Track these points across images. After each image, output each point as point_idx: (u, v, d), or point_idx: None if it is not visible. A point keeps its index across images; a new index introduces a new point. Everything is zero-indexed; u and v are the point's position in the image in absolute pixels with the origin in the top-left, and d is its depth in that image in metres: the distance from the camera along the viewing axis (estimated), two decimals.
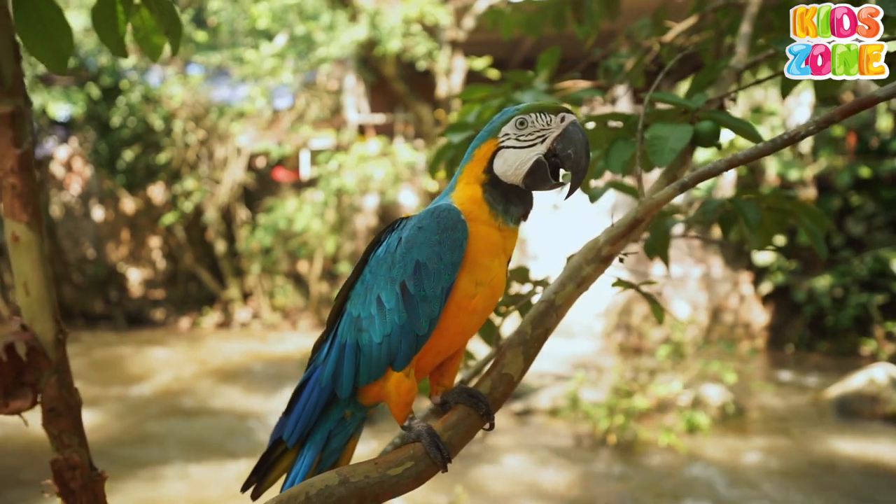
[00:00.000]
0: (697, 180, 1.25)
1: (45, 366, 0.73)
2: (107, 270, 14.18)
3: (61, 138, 14.12)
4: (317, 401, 1.30)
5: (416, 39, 12.10)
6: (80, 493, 0.79)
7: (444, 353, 1.28)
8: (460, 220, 1.18)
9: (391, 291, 1.19)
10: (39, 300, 0.71)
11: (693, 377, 9.68)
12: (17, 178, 0.68)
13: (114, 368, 10.79)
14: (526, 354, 1.23)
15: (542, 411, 9.25)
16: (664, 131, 1.57)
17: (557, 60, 3.14)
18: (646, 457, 7.96)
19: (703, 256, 13.45)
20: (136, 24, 1.80)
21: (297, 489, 1.08)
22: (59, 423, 0.75)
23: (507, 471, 7.58)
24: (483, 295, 1.21)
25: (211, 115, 12.95)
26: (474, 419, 1.21)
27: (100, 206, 14.40)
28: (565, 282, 1.26)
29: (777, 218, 2.22)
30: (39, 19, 1.63)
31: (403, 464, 1.14)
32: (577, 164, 1.19)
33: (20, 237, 0.70)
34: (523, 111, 1.22)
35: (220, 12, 12.38)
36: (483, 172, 1.22)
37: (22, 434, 7.98)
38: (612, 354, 11.75)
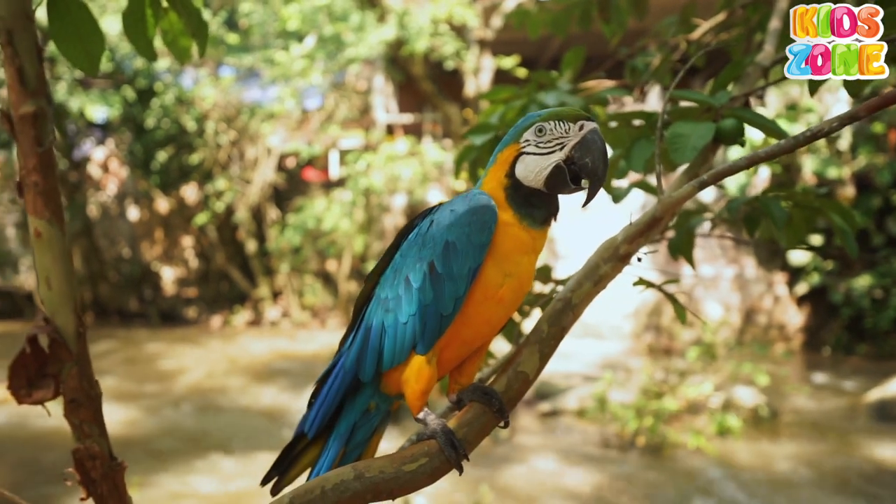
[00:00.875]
0: (717, 178, 1.24)
1: (66, 357, 0.75)
2: (141, 269, 14.49)
3: (98, 140, 14.47)
4: (339, 387, 1.31)
5: (444, 39, 12.12)
6: (100, 482, 0.81)
7: (469, 345, 1.28)
8: (490, 205, 1.20)
9: (419, 271, 1.22)
10: (61, 294, 0.74)
11: (724, 379, 9.53)
12: (39, 175, 0.71)
13: (147, 365, 11.02)
14: (542, 353, 1.23)
15: (569, 412, 9.19)
16: (686, 129, 1.56)
17: (582, 60, 3.13)
18: (675, 459, 7.86)
19: (736, 257, 13.22)
20: (165, 27, 1.84)
21: (312, 483, 1.10)
22: (80, 413, 0.78)
23: (534, 471, 7.55)
24: (510, 286, 1.22)
25: (242, 116, 13.15)
26: (489, 417, 1.21)
27: (135, 206, 14.72)
28: (582, 280, 1.26)
29: (806, 216, 2.18)
30: (72, 23, 1.68)
31: (418, 460, 1.15)
32: (594, 173, 1.21)
33: (42, 233, 0.72)
34: (543, 118, 1.24)
35: (252, 14, 12.55)
36: (505, 177, 1.24)
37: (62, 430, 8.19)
38: (641, 356, 11.62)
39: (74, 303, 0.75)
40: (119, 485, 0.83)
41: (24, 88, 0.69)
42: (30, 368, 0.74)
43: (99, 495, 0.82)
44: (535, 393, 9.71)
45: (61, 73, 12.07)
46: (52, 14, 1.65)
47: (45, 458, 7.29)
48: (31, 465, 7.07)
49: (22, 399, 0.74)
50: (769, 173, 12.62)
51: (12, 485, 6.29)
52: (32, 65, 0.69)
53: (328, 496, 1.08)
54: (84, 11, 1.69)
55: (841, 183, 12.40)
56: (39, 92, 0.70)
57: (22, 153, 0.70)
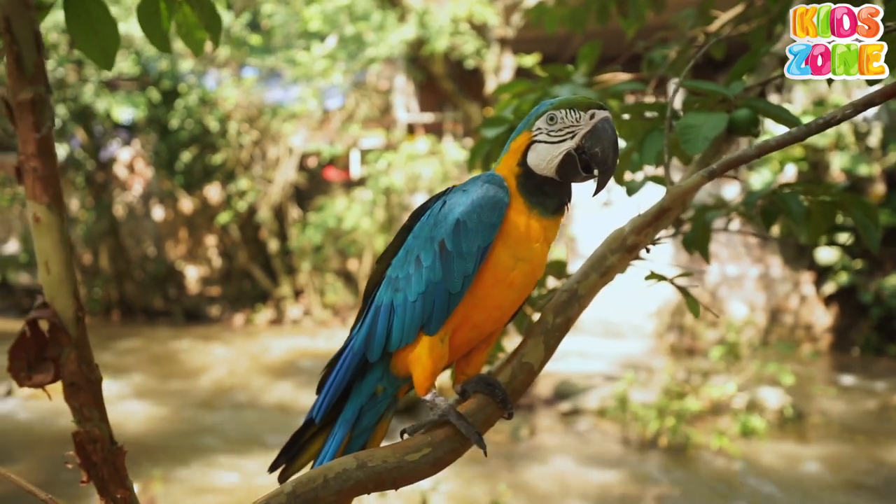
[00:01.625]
0: (726, 167, 1.22)
1: (65, 341, 0.76)
2: (166, 268, 14.69)
3: (125, 141, 14.70)
4: (348, 369, 1.32)
5: (465, 38, 12.12)
6: (101, 465, 0.82)
7: (480, 330, 1.28)
8: (503, 186, 1.21)
9: (430, 250, 1.22)
10: (59, 279, 0.75)
11: (748, 379, 9.39)
12: (38, 161, 0.72)
13: (171, 362, 11.17)
14: (547, 344, 1.22)
15: (590, 412, 9.13)
16: (698, 120, 1.53)
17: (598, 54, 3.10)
18: (697, 460, 7.76)
19: (762, 256, 13.02)
20: (179, 20, 1.87)
21: (315, 472, 1.10)
22: (80, 396, 0.79)
23: (554, 471, 7.52)
24: (522, 270, 1.22)
25: (264, 116, 13.27)
26: (493, 408, 1.20)
27: (160, 205, 14.93)
28: (588, 271, 1.25)
29: (825, 211, 2.14)
30: (88, 18, 1.71)
31: (421, 450, 1.15)
32: (604, 162, 1.20)
33: (41, 218, 0.73)
34: (555, 107, 1.24)
35: (274, 16, 12.66)
36: (517, 165, 1.25)
37: None
38: (664, 355, 11.51)
39: (73, 287, 0.76)
40: (119, 468, 0.84)
41: (23, 75, 0.70)
42: (30, 352, 0.75)
43: (100, 478, 0.83)
44: (556, 392, 9.67)
45: (88, 76, 12.29)
46: (69, 9, 1.68)
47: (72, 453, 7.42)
48: (56, 462, 7.21)
49: (22, 382, 0.75)
50: (796, 171, 12.42)
51: (41, 480, 6.42)
52: (31, 52, 0.70)
53: (331, 485, 1.08)
54: (99, 6, 1.71)
55: (871, 180, 12.15)
56: (38, 79, 0.71)
57: (21, 139, 0.71)
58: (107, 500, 0.85)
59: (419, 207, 1.34)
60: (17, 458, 7.17)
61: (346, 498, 1.10)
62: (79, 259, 14.56)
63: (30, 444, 7.73)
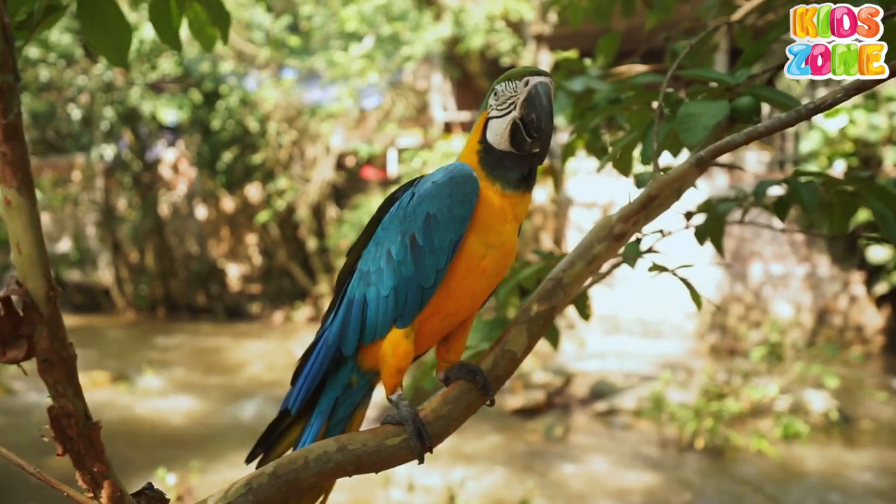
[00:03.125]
0: (714, 154, 1.20)
1: (37, 320, 0.80)
2: (208, 266, 15.05)
3: (169, 142, 15.11)
4: (322, 362, 1.32)
5: (500, 35, 12.09)
6: (76, 440, 0.86)
7: (452, 318, 1.28)
8: (471, 177, 1.21)
9: (401, 244, 1.22)
10: (30, 259, 0.78)
11: (791, 381, 9.14)
12: (6, 146, 0.75)
13: (213, 358, 11.45)
14: (530, 331, 1.21)
15: (626, 412, 9.01)
16: (698, 108, 1.51)
17: (617, 46, 3.07)
18: (736, 463, 7.59)
19: (808, 254, 12.62)
20: (190, 17, 1.92)
21: (296, 454, 1.13)
22: (53, 373, 0.82)
23: (588, 471, 7.45)
24: (493, 258, 1.23)
25: (303, 116, 13.47)
26: (475, 394, 1.21)
27: (203, 205, 15.30)
28: (575, 260, 1.24)
29: (846, 201, 2.07)
30: (101, 18, 1.78)
31: (401, 434, 1.16)
32: (539, 126, 1.20)
33: (12, 201, 0.77)
34: (497, 81, 1.26)
35: (313, 17, 12.85)
36: (478, 142, 1.26)
37: (132, 418, 8.63)
38: (704, 356, 11.27)
39: (44, 268, 0.80)
40: (95, 442, 0.87)
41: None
42: (4, 329, 0.79)
43: (76, 452, 0.87)
44: (592, 392, 9.57)
45: (135, 79, 12.67)
46: (82, 10, 1.75)
47: (116, 444, 7.68)
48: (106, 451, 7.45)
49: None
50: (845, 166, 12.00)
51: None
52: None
53: (311, 466, 1.10)
54: (112, 7, 1.78)
55: None
56: (5, 67, 0.74)
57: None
58: (83, 474, 0.89)
59: (388, 198, 1.34)
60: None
61: (325, 479, 1.12)
62: (126, 257, 15.03)
63: None
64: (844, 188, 2.03)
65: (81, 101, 13.12)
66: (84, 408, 0.86)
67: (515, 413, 9.01)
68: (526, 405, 9.11)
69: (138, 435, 8.04)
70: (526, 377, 9.84)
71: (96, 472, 0.89)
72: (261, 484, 1.09)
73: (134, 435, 8.03)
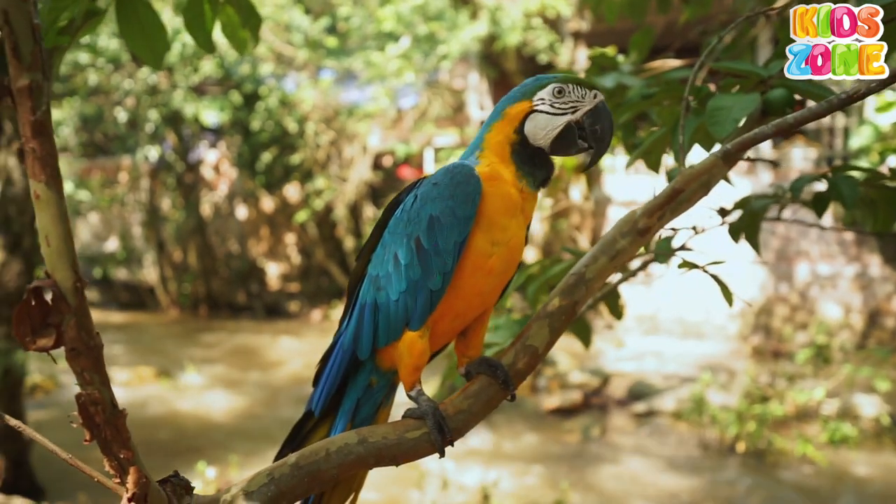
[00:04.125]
0: (742, 147, 1.17)
1: (65, 310, 0.83)
2: (248, 265, 15.33)
3: (211, 143, 15.45)
4: (339, 365, 1.34)
5: (537, 33, 12.02)
6: (103, 427, 0.89)
7: (463, 317, 1.28)
8: (473, 176, 1.20)
9: (407, 247, 1.22)
10: (58, 251, 0.81)
11: (839, 385, 8.87)
12: (35, 142, 0.78)
13: (252, 355, 11.66)
14: (552, 327, 1.20)
15: (665, 413, 8.87)
16: (728, 101, 1.48)
17: (651, 41, 3.02)
18: (780, 467, 7.41)
19: (858, 254, 12.21)
20: (223, 20, 1.97)
21: (318, 445, 1.14)
22: (80, 361, 0.85)
23: (626, 472, 7.36)
24: (500, 255, 1.22)
25: (340, 116, 13.62)
26: (495, 389, 1.20)
27: (243, 205, 15.59)
28: (598, 255, 1.22)
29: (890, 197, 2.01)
30: (138, 21, 1.84)
31: (421, 428, 1.17)
32: (603, 140, 1.24)
33: (41, 195, 0.80)
34: (561, 80, 1.26)
35: (350, 19, 12.98)
36: (514, 132, 1.25)
37: (174, 413, 8.85)
38: (746, 358, 11.02)
39: (72, 260, 0.83)
40: (121, 429, 0.90)
41: (21, 64, 0.77)
42: (34, 318, 0.82)
43: (103, 438, 0.90)
44: (630, 393, 9.45)
45: (177, 82, 12.99)
46: (120, 13, 1.81)
47: (159, 438, 7.89)
48: (146, 445, 7.66)
49: (27, 345, 0.83)
50: None
51: None
52: (27, 42, 0.77)
53: (332, 458, 1.12)
54: (149, 11, 1.83)
55: None
56: (34, 66, 0.77)
57: (21, 122, 0.78)
58: (110, 460, 0.92)
59: (392, 201, 1.34)
60: None
61: (346, 471, 1.13)
62: (170, 256, 15.41)
63: None
64: (888, 184, 1.97)
65: (127, 105, 13.51)
66: (111, 396, 0.89)
67: (552, 413, 8.95)
68: (563, 405, 9.04)
69: (180, 429, 8.24)
70: (563, 377, 9.77)
71: (123, 458, 0.92)
72: (283, 474, 1.11)
73: (176, 429, 8.24)
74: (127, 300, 15.65)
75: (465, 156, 1.30)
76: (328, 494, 1.38)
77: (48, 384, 9.57)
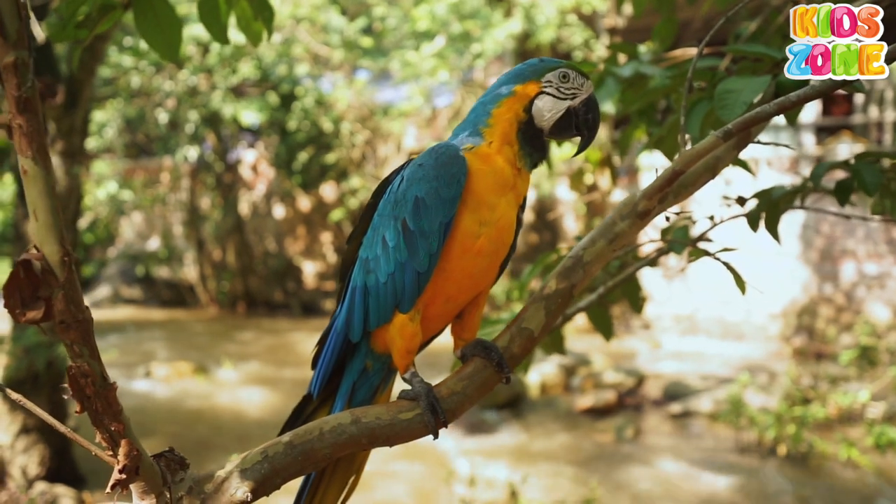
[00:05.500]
0: (742, 127, 1.14)
1: (54, 283, 0.85)
2: (285, 263, 15.56)
3: (249, 143, 15.72)
4: (334, 348, 1.34)
5: (572, 29, 11.92)
6: (94, 399, 0.91)
7: (455, 300, 1.27)
8: (458, 156, 1.20)
9: (394, 229, 1.22)
10: (46, 225, 0.84)
11: (885, 387, 8.58)
12: (22, 118, 0.81)
13: (287, 352, 11.83)
14: (548, 309, 1.19)
15: (702, 414, 8.69)
16: (737, 84, 1.44)
17: (675, 31, 2.97)
18: (822, 471, 7.19)
19: None
20: (238, 13, 2.00)
21: (312, 425, 1.15)
22: (69, 334, 0.88)
23: (659, 473, 7.23)
24: (488, 236, 1.21)
25: (375, 116, 13.71)
26: (490, 371, 1.19)
27: (280, 204, 15.82)
28: (597, 238, 1.21)
29: None
30: (154, 14, 1.88)
31: (415, 409, 1.17)
32: (592, 129, 1.28)
33: (28, 170, 0.82)
34: (566, 66, 1.28)
35: (386, 19, 13.07)
36: (523, 111, 1.26)
37: (210, 407, 9.04)
38: (788, 359, 10.72)
39: (59, 235, 0.85)
40: (112, 402, 0.92)
41: (6, 41, 0.79)
42: (24, 291, 0.85)
43: (94, 411, 0.92)
44: (665, 393, 9.29)
45: (216, 83, 13.25)
46: (136, 7, 1.85)
47: (195, 432, 8.07)
48: (183, 438, 7.85)
49: (17, 318, 0.85)
50: None
51: None
52: (13, 20, 0.79)
53: (325, 438, 1.13)
54: (164, 4, 1.88)
55: None
56: (20, 44, 0.80)
57: (7, 99, 0.81)
58: (102, 432, 0.94)
59: (381, 183, 1.34)
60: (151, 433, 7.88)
61: (339, 450, 1.14)
62: (209, 254, 15.74)
63: (162, 420, 8.47)
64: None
65: (168, 106, 13.83)
66: (101, 369, 0.91)
67: (585, 413, 8.86)
68: (596, 405, 8.94)
69: (215, 423, 8.41)
70: (596, 377, 9.66)
71: (114, 430, 0.94)
72: (277, 452, 1.12)
73: (211, 423, 8.41)
74: (168, 298, 16.02)
75: (464, 128, 1.29)
76: (328, 477, 1.39)
77: None
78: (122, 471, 0.94)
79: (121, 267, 16.47)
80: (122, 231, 16.83)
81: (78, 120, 6.03)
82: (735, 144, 1.40)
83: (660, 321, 12.68)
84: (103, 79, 12.81)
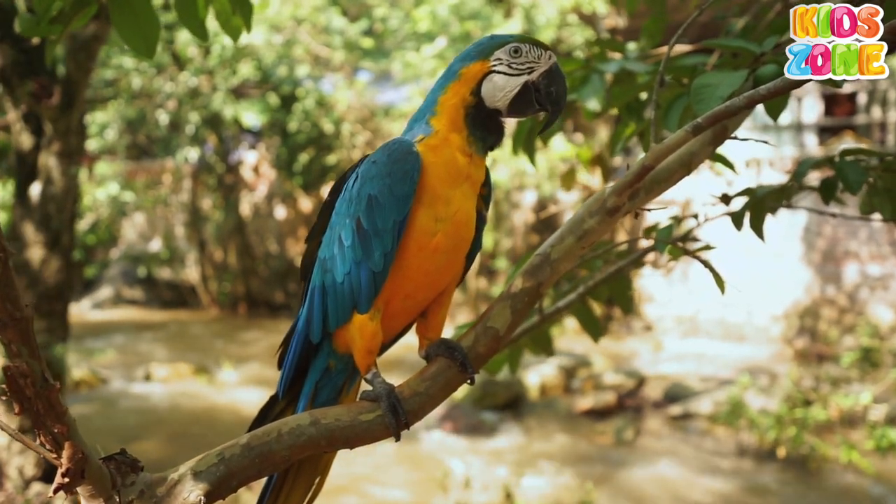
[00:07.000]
0: (713, 120, 1.11)
1: None
2: (286, 264, 15.55)
3: (251, 144, 15.73)
4: (297, 348, 1.31)
5: (573, 30, 11.88)
6: (34, 399, 0.88)
7: (414, 298, 1.24)
8: (411, 152, 1.17)
9: (348, 228, 1.19)
10: None
11: (888, 389, 8.51)
12: None
13: None
14: (514, 308, 1.16)
15: (702, 416, 8.64)
16: (714, 79, 1.41)
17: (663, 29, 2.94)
18: (822, 474, 7.14)
19: None
20: (217, 8, 1.97)
21: (271, 426, 1.12)
22: (7, 333, 0.85)
23: (658, 476, 7.19)
24: (445, 232, 1.17)
25: (376, 117, 13.70)
26: (454, 372, 1.16)
27: (281, 205, 15.82)
28: (565, 234, 1.18)
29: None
30: (131, 10, 1.85)
31: (375, 410, 1.14)
32: (558, 102, 1.21)
33: None
34: (518, 40, 1.22)
35: (387, 20, 13.06)
36: (470, 94, 1.20)
37: (210, 408, 9.03)
38: (789, 361, 10.66)
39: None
40: (54, 403, 0.89)
41: None
42: None
43: (35, 412, 0.90)
44: (666, 395, 9.25)
45: (217, 84, 13.26)
46: (113, 3, 1.83)
47: (195, 433, 8.06)
48: (182, 438, 7.84)
49: None
50: None
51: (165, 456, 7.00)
52: None
53: (284, 439, 1.10)
54: (141, 1, 1.85)
55: None
56: None
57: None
58: (44, 434, 0.92)
59: (338, 180, 1.30)
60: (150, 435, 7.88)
61: (298, 452, 1.11)
62: (210, 255, 15.74)
63: (161, 422, 8.47)
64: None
65: (169, 107, 13.84)
66: (41, 369, 0.89)
67: (585, 414, 8.82)
68: (596, 406, 8.90)
69: (214, 424, 8.39)
70: (596, 378, 9.62)
71: (57, 432, 0.91)
72: (234, 454, 1.10)
73: (210, 424, 8.39)
74: (169, 299, 16.04)
75: (416, 119, 1.26)
76: (292, 478, 1.36)
77: (92, 380, 9.85)
78: (65, 474, 0.92)
79: (122, 268, 16.50)
80: (124, 232, 16.85)
81: (74, 120, 6.01)
82: (711, 140, 1.37)
83: (661, 322, 12.64)
84: (104, 80, 12.84)
